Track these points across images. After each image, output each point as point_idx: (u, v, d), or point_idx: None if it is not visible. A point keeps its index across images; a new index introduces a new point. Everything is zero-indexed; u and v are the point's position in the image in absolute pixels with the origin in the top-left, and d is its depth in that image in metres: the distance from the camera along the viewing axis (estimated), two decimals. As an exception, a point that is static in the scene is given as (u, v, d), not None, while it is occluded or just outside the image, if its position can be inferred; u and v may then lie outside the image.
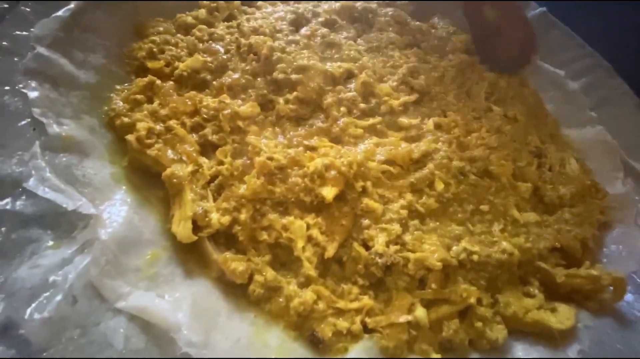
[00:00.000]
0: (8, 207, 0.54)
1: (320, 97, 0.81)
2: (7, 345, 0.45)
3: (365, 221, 0.67)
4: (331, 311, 0.60)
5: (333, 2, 1.00)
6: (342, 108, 0.80)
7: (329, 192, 0.66)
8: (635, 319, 0.66)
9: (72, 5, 0.75)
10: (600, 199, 0.80)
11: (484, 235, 0.70)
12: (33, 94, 0.63)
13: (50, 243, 0.53)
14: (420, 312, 0.60)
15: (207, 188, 0.67)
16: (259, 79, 0.82)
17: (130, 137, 0.67)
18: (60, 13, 0.73)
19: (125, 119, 0.70)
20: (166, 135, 0.70)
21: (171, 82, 0.78)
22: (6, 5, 0.71)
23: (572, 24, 1.05)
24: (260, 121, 0.77)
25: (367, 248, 0.65)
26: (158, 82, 0.76)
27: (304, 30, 0.91)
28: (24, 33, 0.69)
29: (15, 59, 0.66)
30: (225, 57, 0.84)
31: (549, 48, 1.04)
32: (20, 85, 0.64)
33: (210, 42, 0.86)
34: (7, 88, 0.63)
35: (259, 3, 1.01)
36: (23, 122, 0.61)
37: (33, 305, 0.48)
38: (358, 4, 1.00)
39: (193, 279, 0.60)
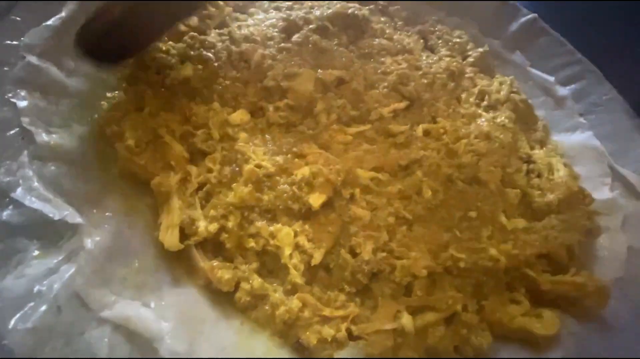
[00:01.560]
0: (-5, 217, 0.54)
1: (310, 103, 0.81)
2: (-9, 355, 0.46)
3: (353, 229, 0.68)
4: (317, 319, 0.61)
5: (325, 8, 1.01)
6: (332, 115, 0.80)
7: (316, 200, 0.67)
8: (619, 326, 0.66)
9: (63, 14, 0.75)
10: (587, 205, 0.80)
11: (471, 241, 0.70)
12: (22, 103, 0.64)
13: (36, 252, 0.54)
14: (406, 319, 0.61)
15: (195, 196, 0.67)
16: (249, 87, 0.82)
17: (119, 146, 0.67)
18: (50, 22, 0.73)
19: (115, 127, 0.70)
20: (155, 143, 0.71)
21: (161, 90, 0.79)
22: (-4, 15, 0.72)
23: (562, 30, 1.05)
24: (250, 128, 0.77)
25: (355, 255, 0.65)
26: (148, 90, 0.76)
27: (295, 37, 0.92)
28: (14, 42, 0.69)
29: (6, 69, 0.66)
30: (216, 64, 0.84)
31: (539, 54, 1.04)
32: (10, 95, 0.64)
33: (202, 49, 0.87)
34: (-4, 98, 0.64)
35: (251, 10, 1.01)
36: (12, 132, 0.62)
37: (17, 316, 0.48)
38: (350, 10, 1.01)
39: (180, 287, 0.60)
